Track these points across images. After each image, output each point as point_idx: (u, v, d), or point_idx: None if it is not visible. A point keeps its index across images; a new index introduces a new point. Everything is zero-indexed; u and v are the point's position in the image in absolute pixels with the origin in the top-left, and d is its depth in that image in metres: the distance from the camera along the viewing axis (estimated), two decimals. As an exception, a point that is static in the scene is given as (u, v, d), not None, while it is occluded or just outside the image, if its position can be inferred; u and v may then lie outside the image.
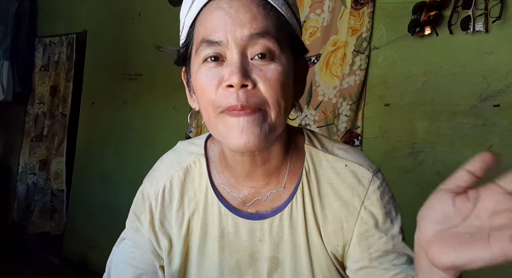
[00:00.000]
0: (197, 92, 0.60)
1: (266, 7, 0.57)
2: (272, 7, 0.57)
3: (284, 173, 0.68)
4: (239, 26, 0.55)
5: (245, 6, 0.56)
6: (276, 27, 0.57)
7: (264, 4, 0.57)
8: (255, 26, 0.55)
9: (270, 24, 0.56)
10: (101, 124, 3.16)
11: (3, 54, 3.39)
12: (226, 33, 0.55)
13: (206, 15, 0.57)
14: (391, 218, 0.66)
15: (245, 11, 0.55)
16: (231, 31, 0.55)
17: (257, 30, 0.55)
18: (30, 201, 3.57)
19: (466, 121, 1.54)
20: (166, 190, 0.71)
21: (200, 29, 0.58)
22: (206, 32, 0.57)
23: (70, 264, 3.21)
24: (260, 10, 0.56)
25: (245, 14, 0.55)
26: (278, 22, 0.58)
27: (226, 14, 0.55)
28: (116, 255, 0.76)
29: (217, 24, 0.55)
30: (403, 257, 0.65)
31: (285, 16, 0.59)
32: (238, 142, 0.55)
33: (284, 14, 0.58)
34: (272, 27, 0.56)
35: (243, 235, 0.68)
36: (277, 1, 0.58)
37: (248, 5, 0.56)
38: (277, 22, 0.57)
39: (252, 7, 0.56)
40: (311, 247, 0.67)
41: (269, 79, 0.55)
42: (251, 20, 0.55)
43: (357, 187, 0.65)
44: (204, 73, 0.57)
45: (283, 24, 0.58)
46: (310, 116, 1.96)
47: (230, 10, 0.55)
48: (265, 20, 0.56)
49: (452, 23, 1.56)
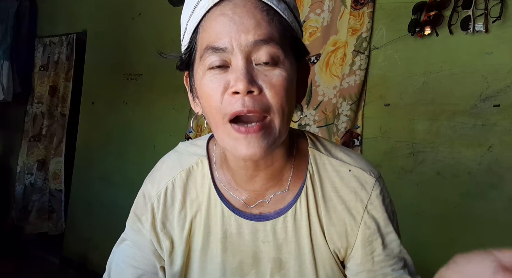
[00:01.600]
0: (202, 99, 0.60)
1: (270, 12, 0.57)
2: (276, 12, 0.57)
3: (288, 175, 0.68)
4: (243, 32, 0.55)
5: (249, 12, 0.56)
6: (280, 32, 0.57)
7: (267, 9, 0.57)
8: (260, 32, 0.55)
9: (274, 30, 0.56)
10: (101, 124, 3.16)
11: (3, 54, 3.39)
12: (231, 40, 0.55)
13: (209, 22, 0.57)
14: (392, 222, 0.68)
15: (249, 17, 0.55)
16: (235, 37, 0.55)
17: (261, 36, 0.55)
18: (28, 201, 3.57)
19: (466, 121, 1.54)
20: (168, 191, 0.72)
21: (204, 35, 0.58)
22: (210, 39, 0.56)
23: (70, 264, 3.21)
24: (264, 16, 0.56)
25: (249, 20, 0.55)
26: (282, 28, 0.58)
27: (231, 20, 0.55)
28: (117, 256, 0.76)
29: (222, 31, 0.55)
30: (401, 262, 0.67)
31: (287, 21, 0.59)
32: (244, 153, 0.56)
33: (287, 18, 0.59)
34: (276, 33, 0.57)
35: (246, 236, 0.69)
36: (280, 6, 0.58)
37: (252, 11, 0.56)
38: (280, 28, 0.58)
39: (256, 13, 0.56)
40: (315, 249, 0.68)
41: (275, 85, 0.56)
42: (255, 26, 0.55)
43: (360, 192, 0.67)
44: (209, 80, 0.57)
45: (286, 29, 0.59)
46: (310, 116, 1.95)
47: (234, 17, 0.55)
48: (269, 26, 0.56)
49: (452, 23, 1.56)
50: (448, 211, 1.57)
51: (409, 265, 0.68)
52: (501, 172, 1.46)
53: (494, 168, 1.48)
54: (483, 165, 1.50)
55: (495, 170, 1.48)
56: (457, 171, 1.56)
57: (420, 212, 1.63)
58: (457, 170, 1.56)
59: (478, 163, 1.51)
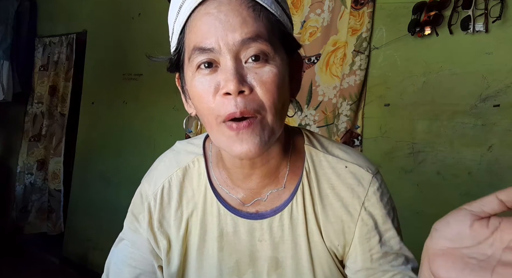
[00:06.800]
0: (194, 100, 0.59)
1: (256, 8, 0.55)
2: (262, 7, 0.56)
3: (284, 173, 0.68)
4: (230, 31, 0.53)
5: (234, 10, 0.54)
6: (268, 28, 0.56)
7: (253, 5, 0.55)
8: (246, 30, 0.54)
9: (261, 26, 0.55)
10: (101, 124, 3.16)
11: (3, 54, 3.39)
12: (218, 39, 0.54)
13: (195, 22, 0.56)
14: (391, 219, 0.66)
15: (235, 15, 0.54)
16: (222, 37, 0.54)
17: (248, 34, 0.54)
18: (27, 201, 3.56)
19: (466, 121, 1.54)
20: (164, 190, 0.71)
21: (190, 36, 0.57)
22: (197, 39, 0.55)
23: (70, 264, 3.21)
24: (250, 12, 0.55)
25: (235, 18, 0.54)
26: (269, 23, 0.57)
27: (216, 19, 0.54)
28: (115, 256, 0.76)
29: (207, 31, 0.54)
30: (401, 258, 0.65)
31: (275, 15, 0.58)
32: (239, 151, 0.55)
33: (274, 12, 0.57)
34: (264, 29, 0.55)
35: (242, 235, 0.68)
36: (266, 0, 0.56)
37: (237, 8, 0.54)
38: (268, 23, 0.56)
39: (242, 10, 0.54)
40: (312, 247, 0.67)
41: (265, 82, 0.55)
42: (242, 24, 0.54)
43: (357, 188, 0.66)
44: (199, 82, 0.56)
45: (274, 24, 0.57)
46: (310, 116, 1.95)
47: (219, 15, 0.54)
48: (255, 23, 0.55)
49: (452, 23, 1.56)
50: (448, 211, 1.56)
51: (411, 261, 0.67)
52: (501, 172, 1.46)
53: (494, 168, 1.48)
54: (483, 165, 1.50)
55: (495, 170, 1.48)
56: (457, 171, 1.55)
57: (420, 212, 1.62)
58: (457, 170, 1.56)
59: (478, 163, 1.51)
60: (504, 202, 0.40)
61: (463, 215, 0.43)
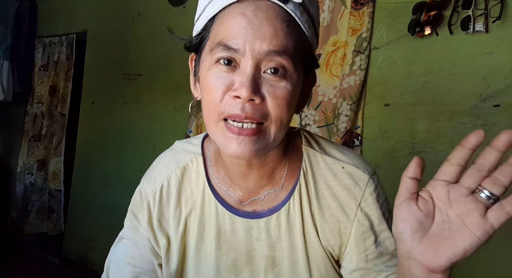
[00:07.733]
0: (203, 90, 0.59)
1: (290, 23, 0.55)
2: (296, 24, 0.56)
3: (282, 173, 0.68)
4: (259, 39, 0.53)
5: (269, 20, 0.54)
6: (295, 46, 0.56)
7: (288, 20, 0.55)
8: (275, 43, 0.54)
9: (290, 42, 0.55)
10: (101, 124, 3.16)
11: (3, 54, 3.39)
12: (245, 43, 0.54)
13: (228, 17, 0.55)
14: (386, 220, 0.67)
15: (269, 25, 0.54)
16: (250, 42, 0.54)
17: (276, 47, 0.54)
18: (28, 201, 3.56)
19: (466, 121, 1.54)
20: (163, 189, 0.72)
21: (219, 28, 0.56)
22: (224, 35, 0.55)
23: (70, 264, 3.21)
24: (283, 26, 0.54)
25: (268, 28, 0.54)
26: (298, 41, 0.57)
27: (249, 23, 0.54)
28: (115, 255, 0.77)
29: (238, 31, 0.54)
30: (395, 259, 0.66)
31: (306, 35, 0.58)
32: (234, 151, 0.56)
33: (306, 32, 0.57)
34: (291, 45, 0.55)
35: (240, 233, 0.69)
36: (302, 18, 0.56)
37: (273, 19, 0.54)
38: (297, 41, 0.56)
39: (276, 21, 0.54)
40: (308, 246, 0.67)
41: (278, 97, 0.55)
42: (272, 36, 0.54)
43: (354, 189, 0.66)
44: (214, 76, 0.56)
45: (302, 43, 0.58)
46: (310, 116, 1.96)
47: (254, 20, 0.54)
48: (285, 38, 0.55)
49: (452, 23, 1.56)
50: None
51: None
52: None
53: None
54: (483, 165, 1.49)
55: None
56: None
57: (420, 212, 1.62)
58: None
59: (478, 163, 1.51)
60: (414, 177, 0.50)
61: (407, 206, 0.49)
